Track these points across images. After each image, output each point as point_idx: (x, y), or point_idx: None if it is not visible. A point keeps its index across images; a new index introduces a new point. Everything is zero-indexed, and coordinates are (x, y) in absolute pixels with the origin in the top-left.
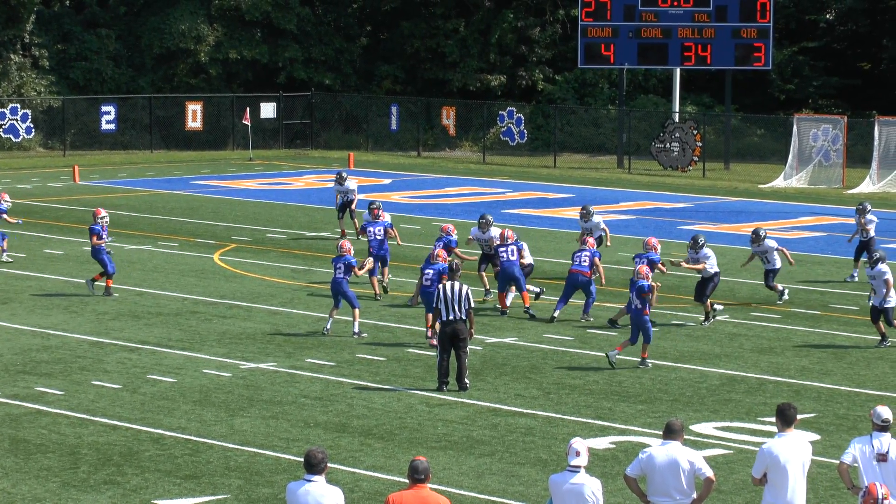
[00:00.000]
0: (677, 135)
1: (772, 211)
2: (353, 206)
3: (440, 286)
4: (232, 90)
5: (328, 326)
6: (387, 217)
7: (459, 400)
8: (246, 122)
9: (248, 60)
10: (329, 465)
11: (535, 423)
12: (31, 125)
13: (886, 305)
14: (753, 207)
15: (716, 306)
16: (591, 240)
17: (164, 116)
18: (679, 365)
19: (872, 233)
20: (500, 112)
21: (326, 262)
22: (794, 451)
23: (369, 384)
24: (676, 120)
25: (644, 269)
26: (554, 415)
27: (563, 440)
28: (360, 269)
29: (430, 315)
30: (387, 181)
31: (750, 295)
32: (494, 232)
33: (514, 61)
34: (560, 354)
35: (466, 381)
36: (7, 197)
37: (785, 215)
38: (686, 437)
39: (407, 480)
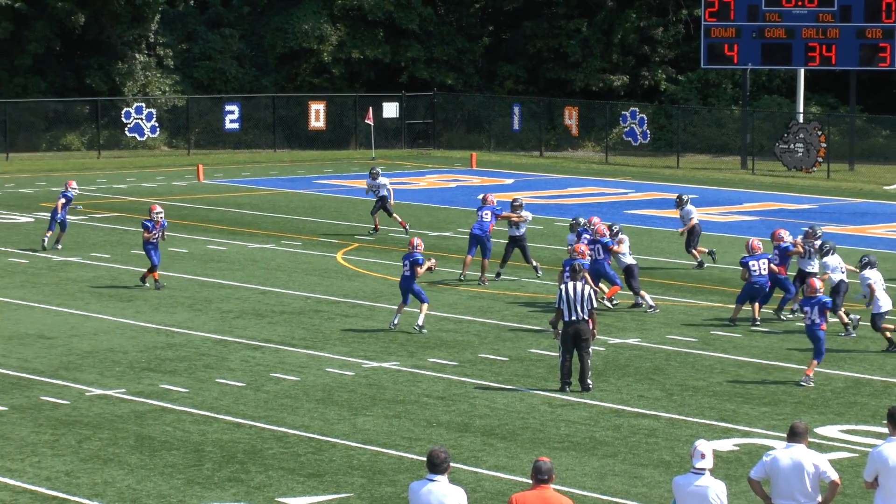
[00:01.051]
0: (801, 135)
1: None
2: (391, 202)
3: (562, 286)
4: (354, 90)
5: (395, 321)
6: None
7: (582, 400)
8: (369, 122)
9: (371, 60)
10: (451, 464)
11: (658, 425)
12: (156, 124)
13: (874, 311)
14: (878, 209)
15: (852, 316)
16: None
17: (288, 116)
18: (804, 367)
19: None
20: (623, 112)
21: (449, 262)
22: None
23: (492, 384)
24: (801, 120)
25: (816, 282)
26: (677, 416)
27: (687, 442)
28: (421, 269)
29: None
30: (509, 181)
31: None
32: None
33: (636, 61)
34: (683, 356)
35: (589, 381)
36: (74, 184)
37: None
38: (810, 439)
39: (530, 481)
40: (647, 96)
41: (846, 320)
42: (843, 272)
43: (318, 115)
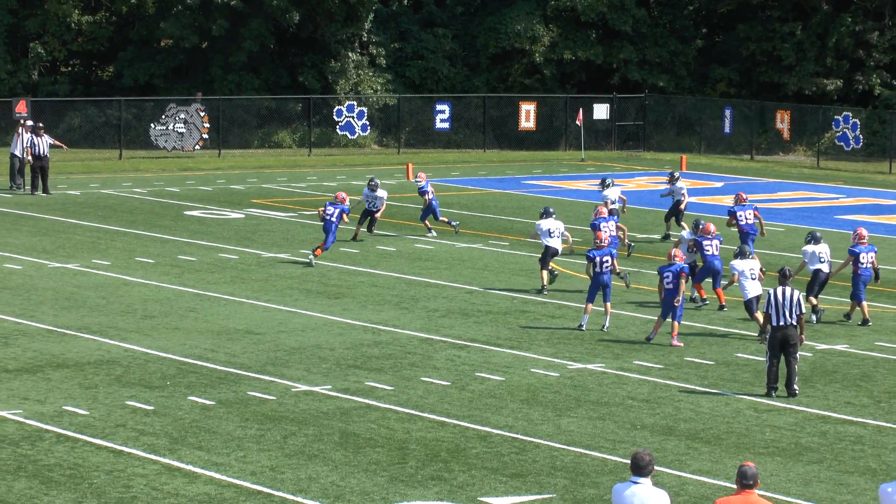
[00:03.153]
0: None
1: None
2: (378, 215)
3: (770, 291)
4: (565, 91)
5: (583, 323)
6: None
7: (788, 406)
8: (579, 123)
9: (583, 61)
10: (655, 467)
11: (864, 432)
12: (367, 123)
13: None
14: None
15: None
16: None
17: (498, 116)
18: None
19: None
20: (836, 117)
21: (656, 264)
22: None
23: (697, 388)
24: None
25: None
26: (885, 424)
27: (894, 450)
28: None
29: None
30: (718, 184)
31: None
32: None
33: (850, 65)
34: (892, 363)
35: (796, 387)
36: (432, 189)
37: None
38: None
39: (734, 486)
40: (860, 101)
41: (814, 302)
42: (822, 262)
43: (528, 115)
